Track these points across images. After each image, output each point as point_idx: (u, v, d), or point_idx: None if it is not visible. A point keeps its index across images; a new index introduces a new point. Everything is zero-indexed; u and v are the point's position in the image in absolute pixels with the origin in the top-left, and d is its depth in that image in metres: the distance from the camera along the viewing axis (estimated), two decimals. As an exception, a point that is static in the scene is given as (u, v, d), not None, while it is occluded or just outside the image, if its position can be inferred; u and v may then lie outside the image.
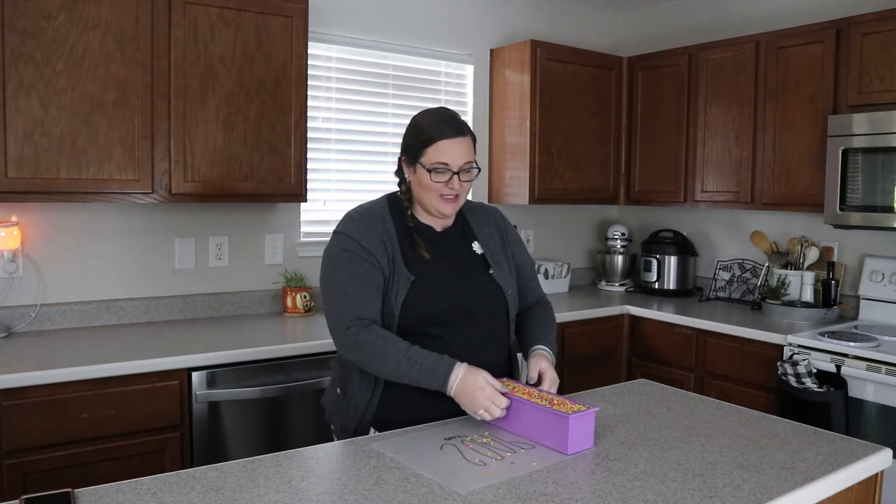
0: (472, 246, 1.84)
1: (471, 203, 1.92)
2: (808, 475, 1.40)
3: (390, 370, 1.62)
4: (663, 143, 3.79)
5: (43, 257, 2.70)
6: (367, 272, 1.68)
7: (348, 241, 1.71)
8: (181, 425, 2.36)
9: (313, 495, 1.28)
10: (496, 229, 1.91)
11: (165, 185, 2.59)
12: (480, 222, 1.89)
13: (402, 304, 1.68)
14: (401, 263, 1.71)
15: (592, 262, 4.39)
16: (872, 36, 2.87)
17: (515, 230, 1.99)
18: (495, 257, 1.85)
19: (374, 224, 1.73)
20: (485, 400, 1.57)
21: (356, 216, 1.76)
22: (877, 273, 3.15)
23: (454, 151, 1.69)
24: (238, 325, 2.89)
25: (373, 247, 1.69)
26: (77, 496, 1.25)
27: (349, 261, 1.69)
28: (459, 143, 1.70)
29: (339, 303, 1.68)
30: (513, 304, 1.84)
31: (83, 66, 2.41)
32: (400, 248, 1.73)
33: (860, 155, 2.88)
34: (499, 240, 1.89)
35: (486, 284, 1.80)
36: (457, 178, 1.70)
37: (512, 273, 1.87)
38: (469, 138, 1.73)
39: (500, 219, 1.95)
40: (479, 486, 1.32)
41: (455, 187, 1.71)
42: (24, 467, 2.11)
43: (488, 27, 3.84)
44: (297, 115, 2.85)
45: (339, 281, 1.69)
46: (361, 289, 1.67)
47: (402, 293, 1.68)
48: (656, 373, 3.37)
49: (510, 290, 1.83)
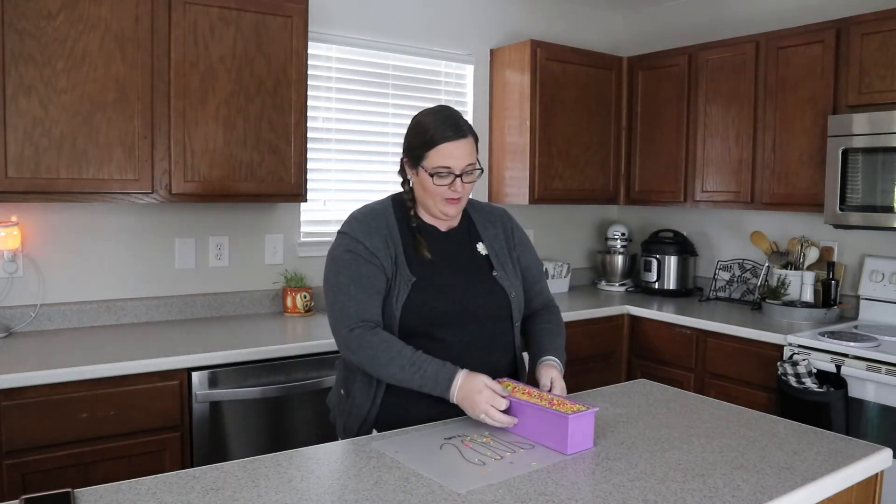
0: (477, 247, 1.83)
1: (478, 203, 1.92)
2: (807, 475, 1.40)
3: (393, 375, 1.62)
4: (663, 143, 3.79)
5: (43, 257, 2.70)
6: (370, 273, 1.68)
7: (352, 242, 1.70)
8: (181, 425, 2.36)
9: (313, 495, 1.28)
10: (502, 230, 1.88)
11: (165, 185, 2.59)
12: (486, 223, 1.87)
13: (402, 305, 1.68)
14: (403, 264, 1.70)
15: (592, 262, 4.39)
16: (872, 36, 2.87)
17: (523, 231, 1.96)
18: (500, 258, 1.83)
19: (377, 225, 1.72)
20: (483, 403, 1.56)
21: (360, 217, 1.75)
22: (877, 273, 3.15)
23: (456, 154, 1.67)
24: (238, 325, 2.89)
25: (376, 248, 1.69)
26: (77, 496, 1.25)
27: (352, 262, 1.68)
28: (461, 144, 1.68)
29: (342, 304, 1.67)
30: (517, 306, 1.82)
31: (83, 66, 2.41)
32: (403, 249, 1.72)
33: (860, 155, 2.88)
34: (504, 241, 1.87)
35: (489, 286, 1.78)
36: (459, 180, 1.69)
37: (517, 275, 1.85)
38: (471, 139, 1.71)
39: (506, 220, 1.92)
40: (478, 485, 1.32)
41: (458, 190, 1.69)
42: (24, 467, 2.11)
43: (488, 27, 3.84)
44: (297, 115, 2.85)
45: (342, 282, 1.68)
46: (365, 290, 1.67)
47: (403, 294, 1.68)
48: (656, 373, 3.37)
49: (514, 291, 1.81)
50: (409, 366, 1.60)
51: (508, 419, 1.56)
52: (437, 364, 1.61)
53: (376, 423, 1.72)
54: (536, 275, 1.94)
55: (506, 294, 1.79)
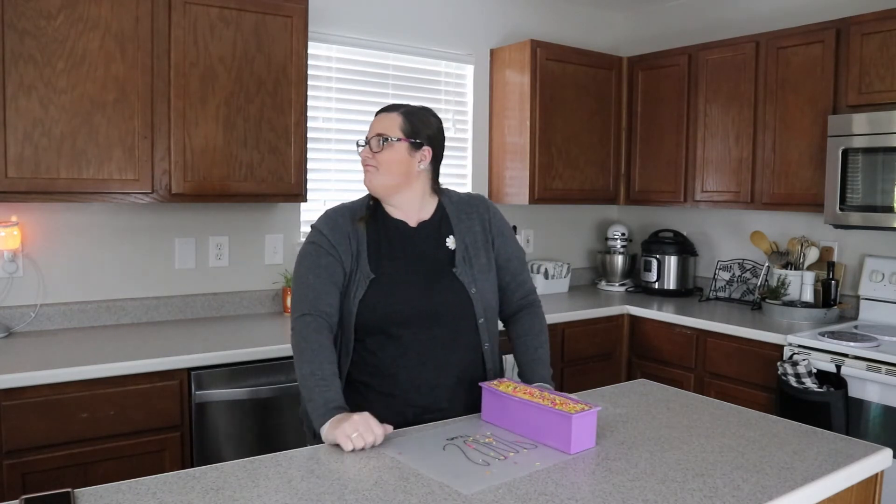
0: (446, 241, 1.78)
1: (455, 194, 1.87)
2: (808, 475, 1.40)
3: (303, 377, 1.62)
4: (663, 143, 3.79)
5: (43, 257, 2.70)
6: (328, 265, 1.71)
7: (316, 235, 1.75)
8: (181, 425, 2.36)
9: (313, 495, 1.28)
10: (479, 221, 1.83)
11: (165, 185, 2.59)
12: (461, 214, 1.82)
13: (359, 301, 1.69)
14: (364, 261, 1.72)
15: (592, 262, 4.39)
16: (872, 36, 2.87)
17: (503, 221, 1.89)
18: (470, 252, 1.78)
19: (343, 221, 1.76)
20: (349, 430, 1.48)
21: (330, 212, 1.80)
22: (877, 273, 3.15)
23: (374, 125, 1.76)
24: (238, 325, 2.89)
25: (337, 241, 1.72)
26: (77, 496, 1.25)
27: (313, 252, 1.73)
28: (381, 117, 1.76)
29: (299, 291, 1.71)
30: (481, 302, 1.77)
31: (83, 66, 2.41)
32: (367, 246, 1.74)
33: (860, 155, 2.88)
34: (481, 232, 1.82)
35: (448, 283, 1.74)
36: (368, 147, 1.75)
37: (490, 268, 1.80)
38: (394, 115, 1.75)
39: (483, 209, 1.85)
40: (484, 486, 1.32)
41: (366, 155, 1.75)
42: (24, 467, 2.11)
43: (488, 27, 3.84)
44: (296, 115, 2.85)
45: (301, 272, 1.73)
46: (321, 279, 1.70)
47: (360, 291, 1.69)
48: (656, 373, 3.37)
49: (474, 287, 1.76)
50: (311, 378, 1.59)
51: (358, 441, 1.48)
52: (322, 400, 1.56)
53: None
54: (518, 265, 1.89)
55: (466, 291, 1.75)
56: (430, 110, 1.83)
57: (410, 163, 1.75)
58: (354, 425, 1.48)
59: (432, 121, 1.80)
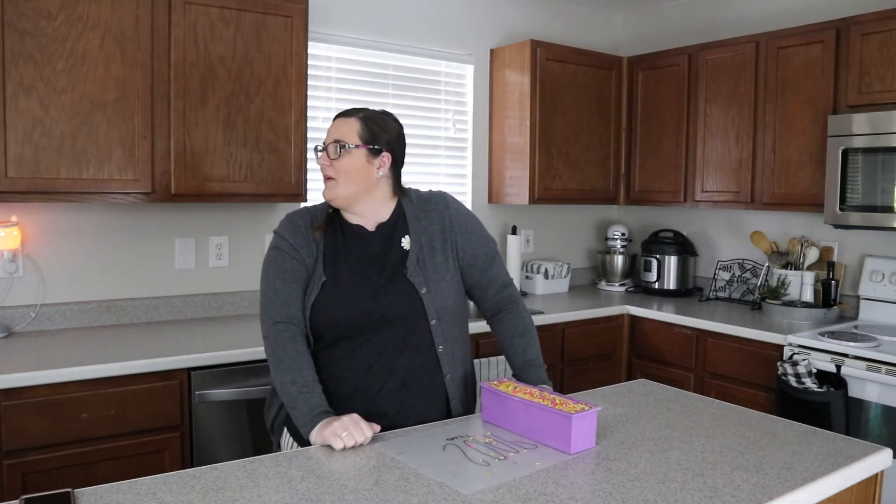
0: (402, 242, 1.74)
1: (416, 193, 1.82)
2: (807, 475, 1.40)
3: (283, 385, 1.63)
4: (663, 143, 3.79)
5: (43, 257, 2.70)
6: (293, 268, 1.71)
7: (278, 239, 1.76)
8: (181, 425, 2.36)
9: (313, 495, 1.28)
10: (437, 219, 1.77)
11: (165, 185, 2.59)
12: (420, 213, 1.78)
13: (312, 304, 1.69)
14: (320, 264, 1.72)
15: (592, 262, 4.39)
16: (872, 36, 2.87)
17: (466, 216, 1.82)
18: (424, 251, 1.74)
19: (304, 224, 1.76)
20: (339, 429, 1.51)
21: (291, 216, 1.79)
22: (877, 273, 3.15)
23: (330, 130, 1.74)
24: (238, 325, 2.89)
25: (299, 244, 1.72)
26: (77, 496, 1.25)
27: (278, 257, 1.73)
28: (338, 123, 1.74)
29: (268, 297, 1.72)
30: (433, 303, 1.71)
31: (83, 66, 2.41)
32: (324, 249, 1.73)
33: (860, 155, 2.88)
34: (438, 231, 1.77)
35: (399, 284, 1.70)
36: (325, 153, 1.73)
37: (448, 267, 1.75)
38: (352, 120, 1.72)
39: (442, 207, 1.79)
40: (484, 486, 1.32)
41: (324, 162, 1.73)
42: (24, 467, 2.11)
43: (488, 27, 3.84)
44: (296, 115, 2.85)
45: (268, 276, 1.73)
46: (288, 284, 1.70)
47: (314, 294, 1.70)
48: (656, 373, 3.37)
49: (425, 288, 1.70)
50: (292, 387, 1.61)
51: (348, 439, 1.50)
52: (307, 407, 1.58)
53: (287, 421, 1.73)
54: (487, 260, 1.82)
55: (416, 291, 1.70)
56: (390, 115, 1.79)
57: (369, 170, 1.72)
58: (344, 425, 1.51)
59: (392, 126, 1.76)
